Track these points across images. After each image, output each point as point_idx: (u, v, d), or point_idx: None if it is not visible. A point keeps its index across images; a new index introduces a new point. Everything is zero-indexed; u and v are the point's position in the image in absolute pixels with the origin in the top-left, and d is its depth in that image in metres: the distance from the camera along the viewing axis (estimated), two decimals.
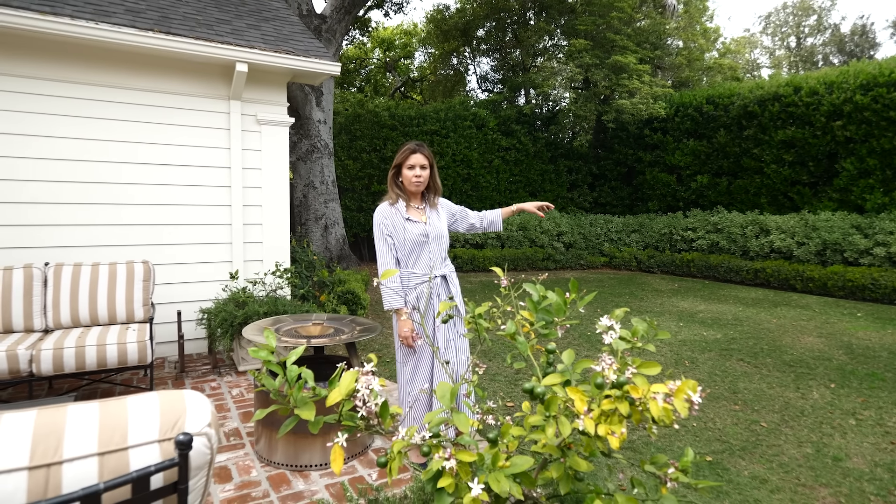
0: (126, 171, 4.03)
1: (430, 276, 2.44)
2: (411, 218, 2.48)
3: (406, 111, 11.19)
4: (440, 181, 2.58)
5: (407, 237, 2.44)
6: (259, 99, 4.52)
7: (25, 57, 3.69)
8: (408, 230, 2.45)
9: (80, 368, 3.01)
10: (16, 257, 3.69)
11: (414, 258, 2.47)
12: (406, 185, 2.49)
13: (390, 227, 2.45)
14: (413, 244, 2.45)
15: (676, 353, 4.88)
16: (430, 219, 2.54)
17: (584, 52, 11.21)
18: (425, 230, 2.48)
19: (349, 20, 9.12)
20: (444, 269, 2.55)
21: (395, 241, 2.45)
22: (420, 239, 2.46)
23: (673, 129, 11.62)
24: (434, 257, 2.50)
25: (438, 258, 2.53)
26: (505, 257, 10.39)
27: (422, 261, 2.48)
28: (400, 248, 2.46)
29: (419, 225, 2.48)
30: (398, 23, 30.36)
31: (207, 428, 1.12)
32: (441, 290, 2.52)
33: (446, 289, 2.54)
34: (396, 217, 2.46)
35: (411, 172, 2.46)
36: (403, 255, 2.47)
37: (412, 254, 2.47)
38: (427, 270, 2.46)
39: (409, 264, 2.47)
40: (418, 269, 2.47)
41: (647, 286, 8.88)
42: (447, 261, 2.61)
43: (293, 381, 1.28)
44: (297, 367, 1.30)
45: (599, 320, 1.35)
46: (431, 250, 2.50)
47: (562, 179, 12.68)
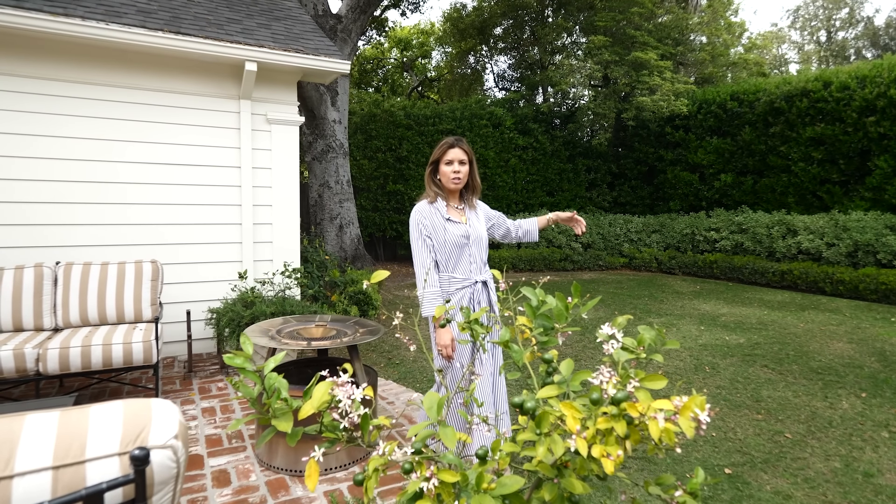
0: (136, 171, 4.05)
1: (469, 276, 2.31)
2: (452, 218, 2.31)
3: (422, 110, 11.13)
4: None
5: (448, 238, 2.27)
6: (269, 98, 4.49)
7: (38, 58, 3.72)
8: (448, 231, 2.28)
9: (85, 368, 3.01)
10: (28, 256, 3.72)
11: (454, 262, 2.31)
12: (444, 182, 2.32)
13: (429, 228, 2.28)
14: (453, 246, 2.28)
15: (697, 358, 4.70)
16: (470, 220, 2.38)
17: (604, 48, 11.00)
18: (466, 231, 2.32)
19: (364, 20, 9.09)
20: (485, 275, 2.39)
21: (435, 243, 2.29)
22: (461, 241, 2.29)
23: (695, 126, 11.31)
24: (475, 261, 2.35)
25: (479, 262, 2.37)
26: (521, 257, 10.25)
27: (462, 264, 2.32)
28: (439, 250, 2.29)
29: (460, 226, 2.31)
30: (415, 22, 30.39)
31: (174, 440, 1.05)
32: (482, 296, 2.35)
33: (486, 295, 2.38)
34: (436, 217, 2.28)
35: (450, 168, 2.29)
36: (443, 258, 2.30)
37: (451, 257, 2.30)
38: (467, 275, 2.31)
39: (449, 268, 2.31)
40: (458, 273, 2.32)
41: (668, 288, 8.65)
42: (486, 265, 2.46)
43: (271, 390, 1.21)
44: (276, 374, 1.22)
45: (600, 328, 1.24)
46: (472, 253, 2.34)
47: (580, 179, 12.47)
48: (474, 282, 2.34)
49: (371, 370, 2.94)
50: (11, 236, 3.68)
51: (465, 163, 2.33)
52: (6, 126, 3.64)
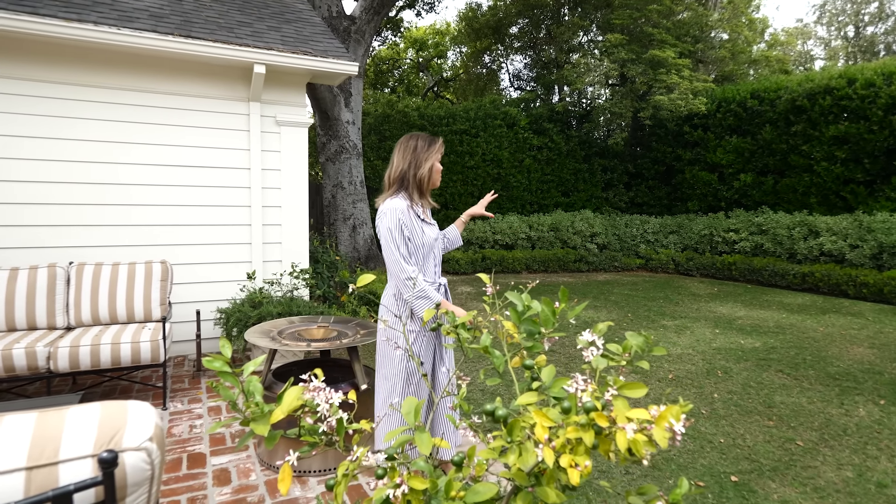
0: (148, 173, 4.12)
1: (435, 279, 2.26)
2: (426, 219, 2.23)
3: (436, 111, 11.13)
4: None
5: (424, 240, 2.17)
6: (279, 100, 4.54)
7: (53, 62, 3.81)
8: (425, 233, 2.18)
9: (95, 366, 3.07)
10: (42, 257, 3.82)
11: (423, 265, 2.22)
12: (434, 182, 2.23)
13: (410, 228, 2.14)
14: (427, 248, 2.20)
15: (709, 362, 4.61)
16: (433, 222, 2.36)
17: (620, 46, 10.86)
18: (437, 233, 2.27)
19: (378, 21, 9.13)
20: (443, 278, 2.36)
21: (413, 246, 2.16)
22: (432, 243, 2.22)
23: (714, 125, 11.10)
24: (437, 263, 2.30)
25: (439, 265, 2.33)
26: (535, 258, 10.18)
27: (429, 267, 2.24)
28: (415, 253, 2.17)
29: (433, 227, 2.25)
30: (430, 22, 30.40)
31: (148, 443, 1.07)
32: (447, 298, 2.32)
33: (447, 298, 2.33)
34: (413, 217, 2.16)
35: (439, 167, 2.24)
36: (417, 261, 2.20)
37: (424, 259, 2.22)
38: (433, 278, 2.25)
39: (423, 272, 2.22)
40: (427, 276, 2.23)
41: (684, 290, 8.49)
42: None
43: (250, 393, 1.21)
44: (256, 377, 1.23)
45: (581, 335, 1.21)
46: (436, 255, 2.27)
47: (596, 179, 12.33)
48: (438, 284, 2.29)
49: (371, 371, 2.94)
50: (26, 237, 3.79)
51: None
52: (22, 129, 3.74)
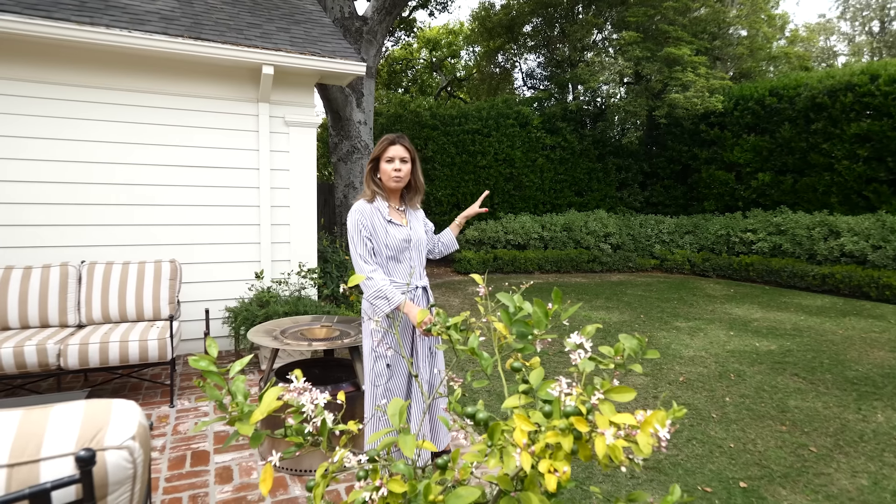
0: (158, 173, 4.18)
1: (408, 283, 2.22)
2: (393, 220, 2.21)
3: (447, 111, 11.11)
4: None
5: (389, 242, 2.17)
6: (287, 101, 4.57)
7: (66, 65, 3.89)
8: (390, 234, 2.18)
9: (103, 363, 3.12)
10: (54, 256, 3.90)
11: (392, 266, 2.22)
12: (384, 180, 2.21)
13: (370, 229, 2.15)
14: (395, 250, 2.19)
15: (722, 365, 4.52)
16: (411, 223, 2.30)
17: (635, 44, 10.71)
18: (408, 235, 2.23)
19: (390, 21, 9.14)
20: (424, 280, 2.33)
21: (375, 246, 2.17)
22: (402, 244, 2.20)
23: (731, 123, 10.89)
24: (414, 266, 2.27)
25: (419, 267, 2.30)
26: (548, 259, 10.10)
27: (401, 269, 2.23)
28: (379, 253, 2.18)
29: (402, 229, 2.23)
30: (444, 22, 30.34)
31: (130, 441, 1.07)
32: (422, 302, 2.28)
33: (426, 302, 2.32)
34: (377, 217, 2.18)
35: (390, 166, 2.18)
36: (381, 261, 2.19)
37: (391, 261, 2.21)
38: (407, 279, 2.23)
39: (388, 273, 2.20)
40: (398, 278, 2.22)
41: (700, 291, 8.35)
42: (425, 271, 2.38)
43: (234, 394, 1.21)
44: (242, 376, 1.22)
45: (568, 338, 1.18)
46: (412, 258, 2.26)
47: (610, 178, 12.19)
48: (415, 287, 2.25)
49: None
50: (39, 236, 3.86)
51: (407, 161, 2.22)
52: (36, 131, 3.82)
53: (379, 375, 2.19)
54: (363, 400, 2.64)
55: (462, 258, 9.79)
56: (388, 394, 2.18)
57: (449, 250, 2.53)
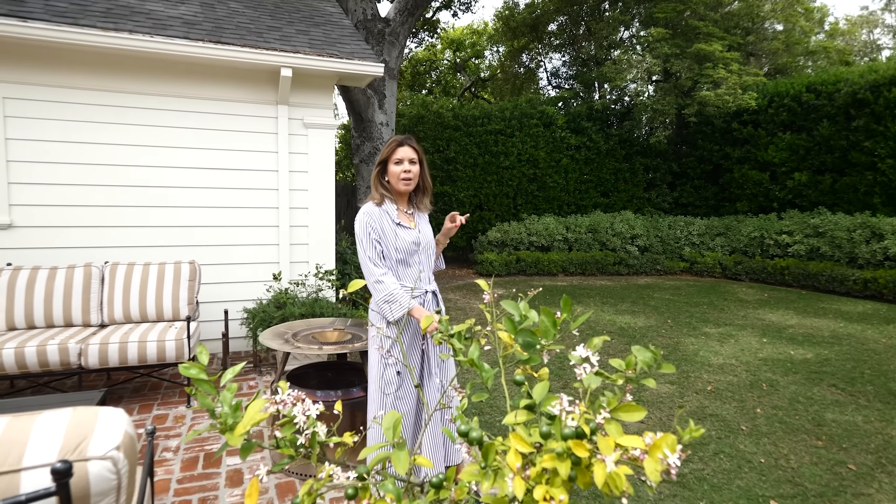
0: (179, 176, 4.24)
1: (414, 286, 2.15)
2: (402, 223, 2.16)
3: (470, 111, 11.03)
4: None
5: (399, 244, 2.11)
6: (306, 103, 4.58)
7: (90, 70, 3.98)
8: (399, 237, 2.11)
9: (122, 363, 3.16)
10: (79, 256, 3.99)
11: (402, 270, 2.16)
12: (393, 183, 2.16)
13: (378, 232, 2.10)
14: (404, 253, 2.13)
15: (753, 374, 4.32)
16: (420, 225, 2.23)
17: (663, 41, 10.43)
18: (417, 238, 2.17)
19: (412, 22, 9.13)
20: (433, 284, 2.26)
21: (384, 249, 2.12)
22: (411, 248, 2.15)
23: (766, 121, 10.50)
24: (424, 269, 2.21)
25: (427, 270, 2.24)
26: (572, 261, 9.92)
27: (410, 274, 2.17)
28: (388, 256, 2.12)
29: (411, 231, 2.17)
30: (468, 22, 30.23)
31: (115, 452, 1.03)
32: (431, 307, 2.20)
33: (435, 306, 2.24)
34: (385, 220, 2.12)
35: (399, 168, 2.12)
36: (391, 265, 2.14)
37: (401, 265, 2.15)
38: (416, 284, 2.17)
39: (398, 277, 2.15)
40: (407, 282, 2.16)
41: (731, 295, 8.06)
42: (433, 278, 2.31)
43: (226, 403, 1.16)
44: (234, 385, 1.18)
45: (573, 350, 1.09)
46: (421, 262, 2.19)
47: (638, 179, 11.91)
48: (424, 291, 2.18)
49: None
50: (65, 237, 3.96)
51: (416, 162, 2.16)
52: (62, 134, 3.92)
53: (388, 383, 2.13)
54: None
55: (484, 259, 9.70)
56: (398, 402, 2.12)
57: (439, 266, 2.45)
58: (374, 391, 2.16)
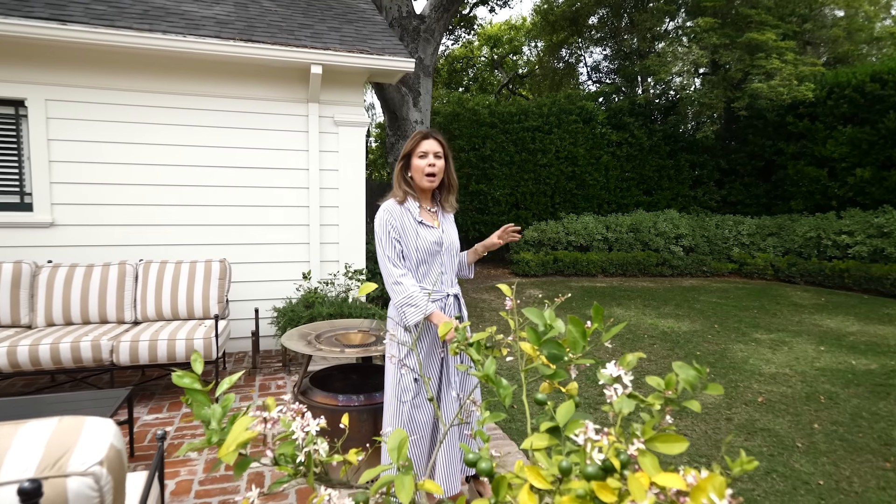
0: (210, 175, 4.28)
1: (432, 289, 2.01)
2: (424, 221, 2.01)
3: (507, 108, 10.82)
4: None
5: (420, 244, 1.98)
6: (336, 100, 4.54)
7: (126, 71, 4.06)
8: (421, 236, 1.98)
9: (152, 360, 3.18)
10: (113, 255, 4.08)
11: (423, 271, 2.01)
12: (417, 178, 2.01)
13: (399, 230, 1.97)
14: (425, 253, 2.00)
15: (810, 385, 3.99)
16: (444, 225, 2.08)
17: (712, 31, 9.93)
18: (440, 237, 2.03)
19: (448, 18, 9.02)
20: (456, 287, 2.12)
21: (404, 249, 1.99)
22: (433, 248, 2.01)
23: (824, 114, 9.84)
24: (446, 271, 2.07)
25: (450, 272, 2.09)
26: (612, 261, 9.59)
27: (431, 275, 2.03)
28: (409, 257, 1.99)
29: (433, 231, 2.02)
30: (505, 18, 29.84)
31: (97, 467, 0.96)
32: (453, 311, 2.06)
33: (458, 311, 2.09)
34: (407, 218, 1.99)
35: (423, 162, 1.98)
36: (411, 266, 2.00)
37: (421, 266, 2.01)
38: (438, 286, 2.03)
39: (418, 279, 2.01)
40: (428, 284, 2.02)
41: (784, 299, 7.57)
42: (456, 279, 2.16)
43: (215, 418, 1.07)
44: (231, 395, 1.09)
45: (602, 369, 0.94)
46: (444, 263, 2.05)
47: (683, 176, 11.40)
48: (446, 294, 2.04)
49: None
50: (102, 235, 4.06)
51: (441, 157, 2.01)
52: (100, 135, 4.02)
53: (405, 390, 2.00)
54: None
55: (520, 259, 9.50)
56: (414, 411, 1.99)
57: (465, 275, 2.31)
58: (389, 398, 2.04)
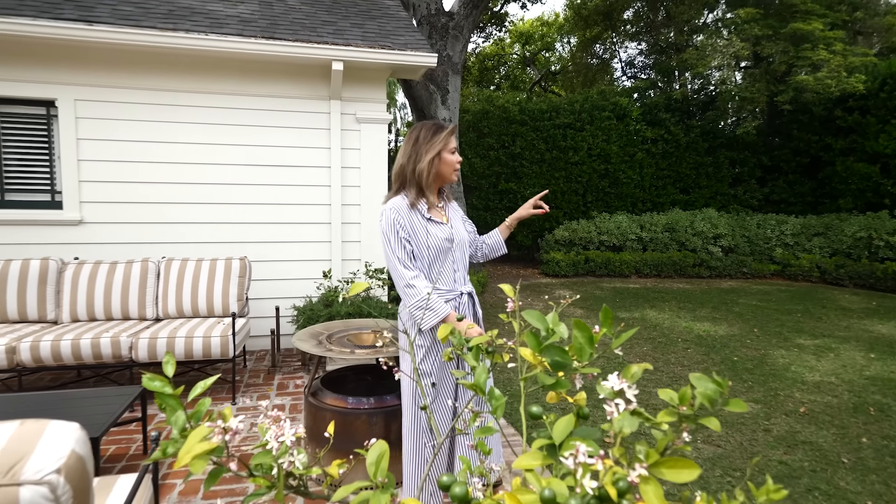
0: (233, 173, 4.30)
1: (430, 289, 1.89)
2: (433, 218, 1.90)
3: (537, 105, 10.61)
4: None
5: (431, 242, 1.85)
6: (358, 97, 4.49)
7: (151, 71, 4.11)
8: (431, 234, 1.86)
9: None
10: (140, 251, 4.15)
11: (436, 271, 1.89)
12: (447, 173, 1.90)
13: (408, 230, 1.84)
14: (437, 251, 1.87)
15: (858, 395, 3.70)
16: (452, 220, 1.97)
17: (754, 22, 9.47)
18: (450, 233, 1.92)
19: (477, 14, 8.90)
20: (468, 286, 1.99)
21: (414, 249, 1.86)
22: (445, 245, 1.89)
23: (877, 107, 9.24)
24: (458, 268, 1.95)
25: (462, 269, 1.97)
26: (646, 261, 9.27)
27: (445, 273, 1.90)
28: (420, 256, 1.86)
29: (443, 227, 1.91)
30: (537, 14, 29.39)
31: (53, 475, 0.90)
32: (468, 310, 1.94)
33: (472, 310, 1.97)
34: (415, 216, 1.86)
35: (454, 157, 1.89)
36: (423, 266, 1.87)
37: (434, 265, 1.89)
38: (451, 285, 1.91)
39: (431, 278, 1.89)
40: (442, 283, 1.89)
41: (831, 303, 7.13)
42: (468, 278, 2.03)
43: (177, 426, 1.00)
44: (207, 400, 1.02)
45: (602, 382, 0.81)
46: (455, 259, 1.93)
47: (722, 173, 10.93)
48: (459, 293, 1.91)
49: None
50: (126, 233, 4.13)
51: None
52: (127, 134, 4.10)
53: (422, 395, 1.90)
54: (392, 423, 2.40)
55: (550, 259, 9.29)
56: (433, 416, 1.88)
57: (495, 254, 2.19)
58: (407, 402, 1.95)
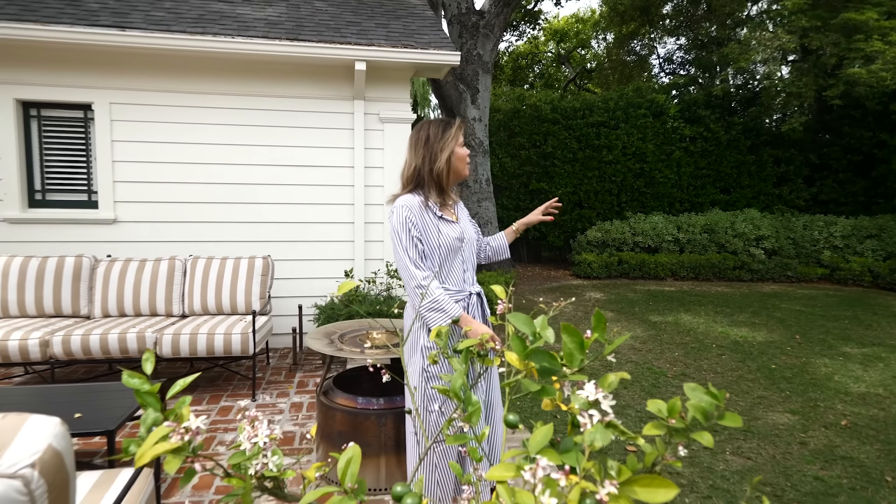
0: (258, 173, 4.38)
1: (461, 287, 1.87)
2: (445, 217, 1.84)
3: (570, 103, 10.41)
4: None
5: (442, 241, 1.80)
6: (382, 97, 4.50)
7: (181, 74, 4.23)
8: (443, 233, 1.81)
9: (192, 354, 3.27)
10: (170, 249, 4.28)
11: (446, 270, 1.84)
12: (459, 169, 1.85)
13: (420, 228, 1.78)
14: (447, 250, 1.82)
15: None
16: (460, 217, 1.93)
17: (801, 13, 9.01)
18: (461, 232, 1.87)
19: (508, 13, 8.80)
20: (477, 287, 1.94)
21: (426, 248, 1.80)
22: (455, 244, 1.84)
23: None
24: (468, 268, 1.90)
25: (471, 269, 1.93)
26: (683, 264, 8.95)
27: (455, 273, 1.86)
28: (430, 256, 1.81)
29: (454, 226, 1.86)
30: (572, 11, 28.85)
31: (28, 470, 0.91)
32: (477, 311, 1.89)
33: (481, 310, 1.91)
34: (427, 214, 1.80)
35: (465, 151, 1.85)
36: (433, 266, 1.82)
37: (444, 264, 1.84)
38: (461, 285, 1.87)
39: (441, 278, 1.83)
40: (451, 283, 1.84)
41: (883, 309, 6.69)
42: (475, 278, 1.98)
43: (145, 424, 0.99)
44: (188, 396, 1.01)
45: (578, 392, 0.75)
46: (465, 258, 1.89)
47: (765, 172, 10.45)
48: (468, 294, 1.85)
49: None
50: (157, 232, 4.27)
51: None
52: (158, 135, 4.23)
53: (431, 399, 1.84)
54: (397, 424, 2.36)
55: (582, 261, 9.09)
56: (441, 420, 1.82)
57: (498, 257, 2.14)
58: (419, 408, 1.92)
